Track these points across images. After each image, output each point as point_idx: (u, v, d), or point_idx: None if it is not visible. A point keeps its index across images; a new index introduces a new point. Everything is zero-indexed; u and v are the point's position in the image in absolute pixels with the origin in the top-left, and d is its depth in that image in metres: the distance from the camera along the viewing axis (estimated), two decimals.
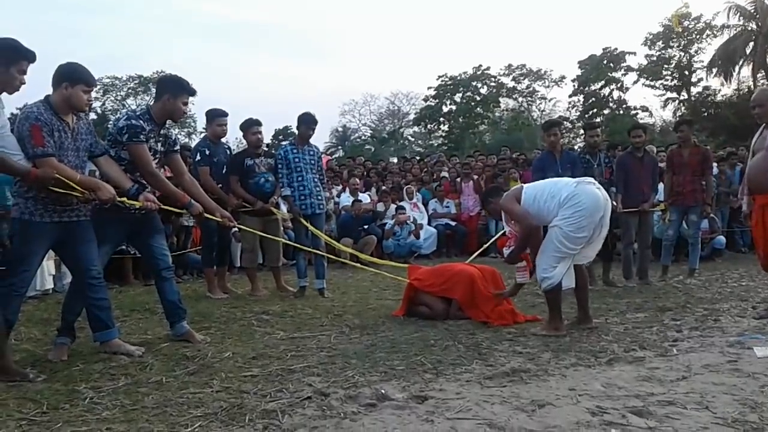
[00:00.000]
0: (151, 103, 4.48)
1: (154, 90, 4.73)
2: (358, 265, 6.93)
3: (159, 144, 4.40)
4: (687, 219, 7.71)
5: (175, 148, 4.59)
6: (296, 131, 6.92)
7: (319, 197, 6.64)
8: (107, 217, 4.09)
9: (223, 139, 7.07)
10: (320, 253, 6.49)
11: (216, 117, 6.74)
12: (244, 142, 7.03)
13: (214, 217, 4.67)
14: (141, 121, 4.22)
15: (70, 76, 3.72)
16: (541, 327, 4.62)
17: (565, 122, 34.15)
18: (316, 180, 6.62)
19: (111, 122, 4.84)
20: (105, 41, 59.21)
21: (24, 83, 3.48)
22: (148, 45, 60.95)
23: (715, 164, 11.65)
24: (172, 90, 4.36)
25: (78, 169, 3.77)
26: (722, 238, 10.20)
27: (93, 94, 4.10)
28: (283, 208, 7.23)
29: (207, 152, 6.56)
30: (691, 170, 7.42)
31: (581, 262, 4.76)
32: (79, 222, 3.85)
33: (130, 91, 39.29)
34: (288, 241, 7.07)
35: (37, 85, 3.88)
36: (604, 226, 4.56)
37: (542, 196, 4.57)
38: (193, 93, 4.50)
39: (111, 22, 60.82)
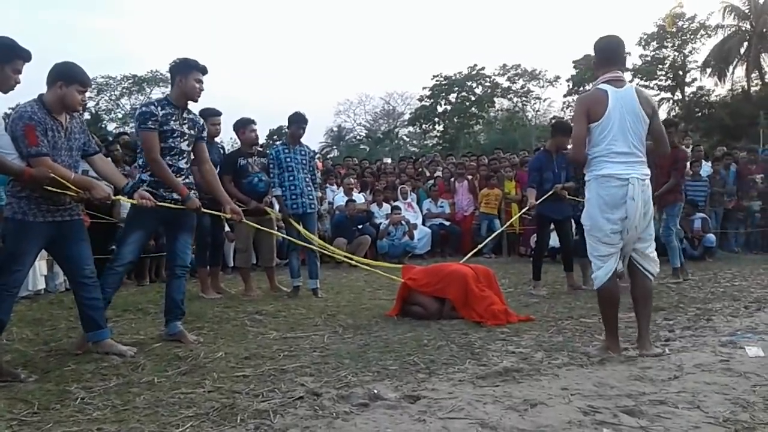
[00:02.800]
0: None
1: (148, 90, 4.78)
2: (353, 262, 6.92)
3: (185, 126, 4.44)
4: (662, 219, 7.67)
5: (203, 135, 4.65)
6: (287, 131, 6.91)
7: (311, 197, 6.63)
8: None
9: (217, 139, 7.06)
10: (313, 247, 6.42)
11: (209, 117, 6.71)
12: (239, 142, 7.01)
13: (222, 214, 4.79)
14: (153, 107, 4.31)
15: (66, 75, 3.71)
16: (594, 347, 4.06)
17: None
18: (307, 180, 6.61)
19: None
20: (103, 41, 59.10)
21: (19, 82, 3.48)
22: (146, 45, 60.86)
23: (709, 164, 11.67)
24: (182, 70, 4.41)
25: (71, 168, 3.76)
26: (712, 236, 10.20)
27: (87, 94, 4.11)
28: (277, 207, 7.21)
29: None
30: (665, 171, 7.40)
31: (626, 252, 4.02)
32: (72, 221, 3.85)
33: (124, 90, 38.98)
34: (283, 235, 7.02)
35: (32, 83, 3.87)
36: (630, 229, 3.86)
37: (595, 146, 3.93)
38: (203, 70, 4.49)
39: (109, 21, 60.74)
